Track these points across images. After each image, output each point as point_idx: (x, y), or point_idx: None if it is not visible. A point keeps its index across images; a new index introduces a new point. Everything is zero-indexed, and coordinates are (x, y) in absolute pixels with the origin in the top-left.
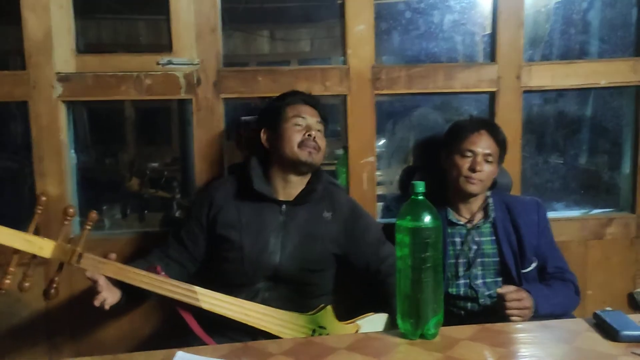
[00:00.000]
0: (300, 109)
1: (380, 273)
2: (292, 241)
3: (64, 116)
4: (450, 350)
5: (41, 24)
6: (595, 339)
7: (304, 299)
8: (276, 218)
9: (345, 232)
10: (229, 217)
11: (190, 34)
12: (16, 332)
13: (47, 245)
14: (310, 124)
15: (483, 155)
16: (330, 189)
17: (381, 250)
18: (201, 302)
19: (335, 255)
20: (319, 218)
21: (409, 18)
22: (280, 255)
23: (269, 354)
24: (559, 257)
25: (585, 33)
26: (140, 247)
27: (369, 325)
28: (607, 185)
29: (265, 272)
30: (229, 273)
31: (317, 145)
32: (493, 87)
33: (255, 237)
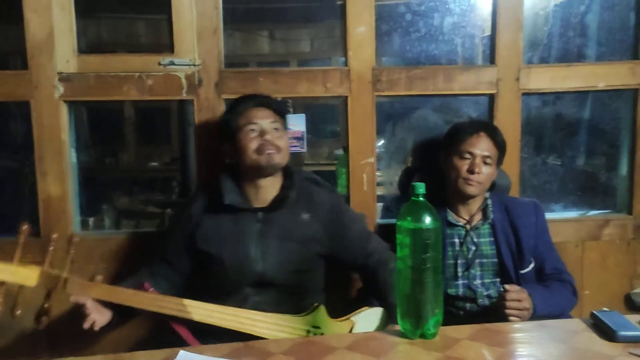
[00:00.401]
0: (251, 115)
1: (368, 267)
2: (272, 247)
3: (66, 116)
4: (450, 349)
5: (43, 24)
6: (593, 339)
7: (295, 300)
8: (253, 226)
9: (327, 231)
10: (206, 232)
11: (192, 34)
12: (17, 333)
13: (32, 274)
14: (264, 126)
15: (482, 158)
16: (309, 189)
17: (367, 245)
18: (192, 314)
19: (319, 255)
20: (297, 220)
21: (410, 20)
22: (262, 263)
23: (269, 353)
24: (557, 258)
25: (584, 36)
26: (138, 247)
27: (364, 320)
28: (604, 187)
29: (249, 279)
30: (215, 284)
31: (275, 146)
32: (492, 90)
33: (235, 248)
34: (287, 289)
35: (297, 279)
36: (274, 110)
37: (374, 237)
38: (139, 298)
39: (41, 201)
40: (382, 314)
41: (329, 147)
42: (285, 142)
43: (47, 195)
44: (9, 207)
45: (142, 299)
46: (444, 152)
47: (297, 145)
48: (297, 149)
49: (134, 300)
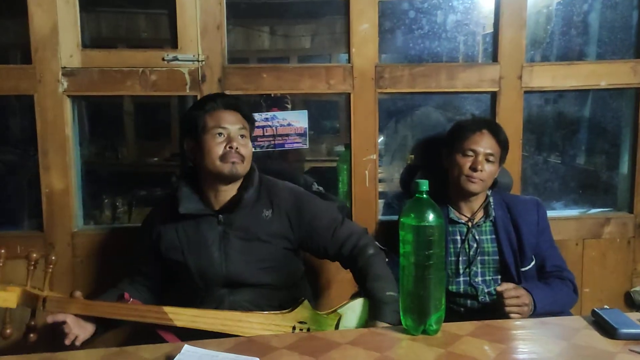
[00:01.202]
0: (220, 117)
1: (343, 256)
2: (234, 248)
3: (69, 111)
4: (452, 346)
5: (47, 18)
6: (594, 336)
7: (273, 294)
8: (214, 229)
9: (291, 225)
10: (169, 240)
11: (195, 30)
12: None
13: (11, 297)
14: (232, 133)
15: (484, 155)
16: (270, 186)
17: (337, 233)
18: (174, 320)
19: (288, 249)
20: (258, 219)
21: (413, 17)
22: (226, 265)
23: (273, 347)
24: (558, 256)
25: (586, 34)
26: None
27: (350, 312)
28: (605, 185)
29: (218, 282)
30: (187, 289)
31: (240, 156)
32: (495, 87)
33: (198, 253)
34: (262, 286)
35: (269, 275)
36: (243, 115)
37: (346, 224)
38: (118, 310)
39: (44, 195)
40: (364, 303)
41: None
42: (249, 150)
43: (50, 189)
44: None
45: (122, 311)
46: (447, 149)
47: (300, 141)
48: (299, 146)
49: (114, 313)
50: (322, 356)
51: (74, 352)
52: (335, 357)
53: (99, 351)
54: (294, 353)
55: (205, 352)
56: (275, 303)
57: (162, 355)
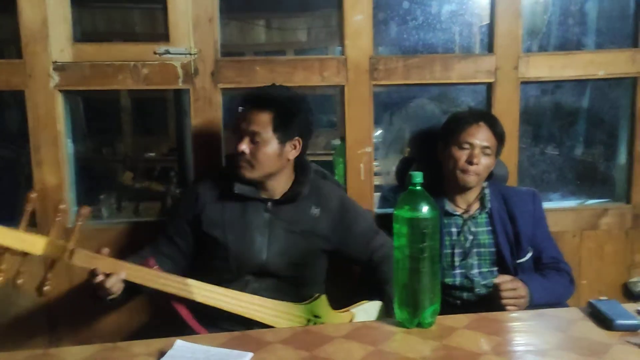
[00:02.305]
0: (240, 118)
1: (372, 261)
2: (278, 238)
3: (61, 106)
4: (447, 338)
5: (37, 12)
6: (590, 328)
7: (293, 289)
8: (261, 216)
9: (334, 228)
10: (212, 216)
11: (187, 23)
12: (16, 321)
13: (39, 242)
14: (244, 134)
15: (481, 148)
16: (318, 183)
17: (372, 242)
18: (195, 294)
19: (323, 250)
20: (306, 215)
21: (407, 8)
22: (266, 253)
23: (267, 342)
24: (554, 248)
25: (583, 24)
26: (137, 236)
27: (363, 313)
28: (602, 176)
29: (251, 268)
30: (216, 268)
31: (248, 162)
32: (490, 78)
33: (240, 235)
34: (287, 279)
35: (298, 270)
36: (270, 112)
37: (381, 234)
38: (143, 274)
39: (37, 191)
40: (381, 307)
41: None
42: (265, 154)
43: (43, 185)
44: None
45: (146, 275)
46: (442, 141)
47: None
48: None
49: (138, 276)
50: (317, 350)
51: (67, 348)
52: (329, 351)
53: (93, 347)
54: (288, 347)
55: (198, 347)
56: (293, 298)
57: (156, 350)
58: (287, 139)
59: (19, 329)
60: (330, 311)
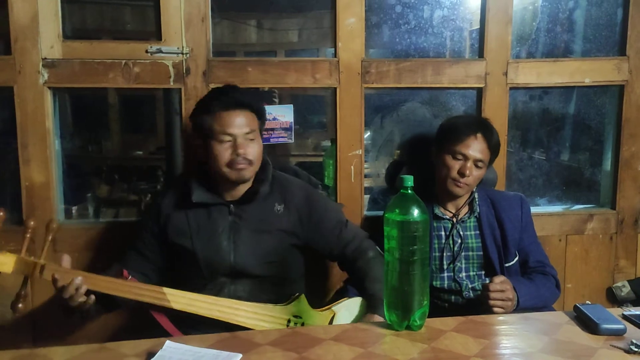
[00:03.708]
0: (226, 121)
1: (346, 256)
2: (244, 239)
3: (50, 103)
4: (435, 341)
5: (27, 8)
6: (576, 332)
7: (271, 289)
8: (225, 219)
9: (301, 222)
10: (178, 225)
11: (179, 22)
12: (1, 322)
13: (8, 261)
14: (239, 137)
15: (474, 160)
16: (283, 180)
17: (343, 234)
18: (171, 302)
19: (294, 245)
20: (270, 212)
21: (400, 12)
22: (234, 255)
23: (256, 344)
24: (541, 252)
25: (571, 31)
26: (123, 235)
27: (345, 310)
28: (588, 182)
29: (222, 271)
30: (189, 275)
31: (247, 161)
32: (480, 83)
33: (206, 241)
34: (263, 279)
35: (272, 269)
36: (253, 111)
37: (350, 226)
38: (117, 286)
39: (24, 189)
40: (362, 303)
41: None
42: (258, 151)
43: (30, 182)
44: None
45: (120, 287)
46: (437, 146)
47: (285, 136)
48: (284, 140)
49: (112, 288)
50: (306, 352)
51: (55, 348)
52: (319, 353)
53: (80, 347)
54: (277, 349)
55: (187, 348)
56: (272, 297)
57: (144, 351)
58: (262, 132)
59: (2, 329)
60: (311, 310)
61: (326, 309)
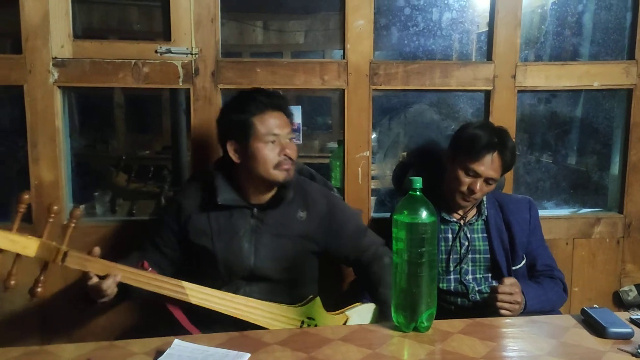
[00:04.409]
0: (271, 123)
1: (361, 263)
2: (265, 243)
3: (60, 102)
4: (443, 343)
5: (38, 7)
6: (583, 335)
7: (286, 291)
8: (247, 222)
9: (322, 229)
10: (199, 225)
11: (189, 22)
12: (8, 319)
13: (32, 244)
14: (282, 138)
15: (485, 178)
16: (305, 186)
17: (361, 242)
18: (190, 297)
19: (313, 252)
20: (292, 218)
21: (408, 14)
22: (254, 258)
23: (265, 343)
24: (548, 255)
25: (580, 35)
26: (131, 234)
27: (357, 316)
28: (596, 186)
29: (241, 273)
30: (206, 275)
31: (292, 162)
32: (489, 86)
33: (227, 243)
34: (278, 282)
35: (289, 273)
36: (287, 114)
37: (369, 233)
38: (138, 276)
39: (33, 187)
40: (375, 309)
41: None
42: (296, 150)
43: (40, 181)
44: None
45: (141, 278)
46: (451, 153)
47: (293, 137)
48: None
49: (133, 279)
50: (314, 352)
51: (64, 346)
52: (327, 353)
53: (89, 345)
54: (286, 349)
55: (196, 347)
56: (286, 300)
57: (153, 349)
58: None
59: (10, 325)
60: (324, 313)
61: (339, 313)
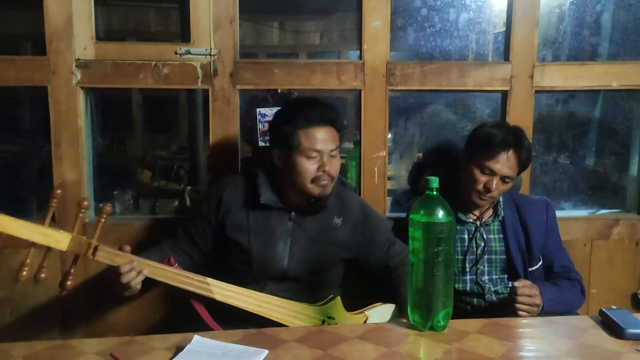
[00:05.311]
0: (315, 138)
1: (389, 267)
2: (300, 247)
3: (82, 102)
4: (459, 342)
5: (62, 10)
6: (601, 336)
7: (311, 292)
8: (285, 224)
9: (356, 237)
10: (237, 221)
11: (208, 24)
12: (31, 314)
13: (63, 238)
14: (325, 154)
15: (502, 177)
16: (341, 193)
17: (390, 251)
18: (214, 293)
19: (343, 258)
20: (328, 225)
21: (425, 15)
22: (288, 260)
23: (282, 340)
24: (565, 257)
25: (599, 35)
26: (153, 233)
27: (377, 316)
28: (614, 187)
29: (272, 273)
30: (238, 271)
31: (330, 177)
32: (506, 86)
33: (263, 242)
34: (306, 283)
35: (317, 275)
36: (337, 128)
37: (397, 243)
38: (164, 272)
39: (56, 186)
40: (394, 310)
41: None
42: (339, 166)
43: (63, 180)
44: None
45: (167, 274)
46: (467, 153)
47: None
48: None
49: (159, 274)
50: (331, 349)
51: (87, 340)
52: (344, 350)
53: (111, 340)
54: (303, 346)
55: (215, 343)
56: (309, 300)
57: (173, 345)
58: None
59: (32, 320)
60: (345, 313)
61: (359, 313)
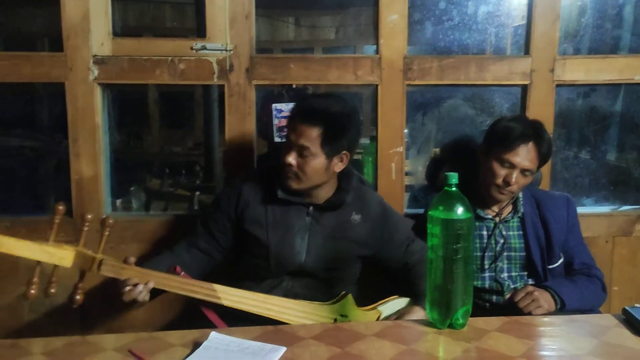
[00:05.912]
0: (293, 129)
1: (407, 265)
2: (318, 242)
3: (99, 98)
4: (479, 340)
5: (79, 6)
6: (624, 335)
7: (327, 288)
8: (303, 219)
9: (374, 234)
10: (256, 215)
11: (224, 19)
12: (50, 311)
13: (67, 255)
14: (293, 149)
15: (521, 169)
16: (360, 190)
17: (409, 249)
18: (222, 299)
19: (361, 256)
20: (347, 221)
21: (443, 8)
22: (305, 256)
23: (300, 337)
24: (586, 254)
25: (621, 28)
26: (169, 229)
27: (391, 310)
28: (636, 182)
29: (289, 268)
30: (253, 266)
31: (294, 173)
32: (525, 80)
33: (281, 237)
34: (322, 280)
35: (334, 272)
36: (324, 128)
37: (417, 241)
38: (170, 282)
39: (74, 182)
40: (409, 304)
41: None
42: (312, 168)
43: (80, 176)
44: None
45: (174, 283)
46: (485, 147)
47: None
48: None
49: (165, 284)
50: (348, 347)
51: (105, 336)
52: (361, 348)
53: (129, 336)
54: (320, 343)
55: (232, 340)
56: (325, 297)
57: (190, 341)
58: (335, 154)
59: (51, 318)
60: (357, 310)
61: (372, 308)
